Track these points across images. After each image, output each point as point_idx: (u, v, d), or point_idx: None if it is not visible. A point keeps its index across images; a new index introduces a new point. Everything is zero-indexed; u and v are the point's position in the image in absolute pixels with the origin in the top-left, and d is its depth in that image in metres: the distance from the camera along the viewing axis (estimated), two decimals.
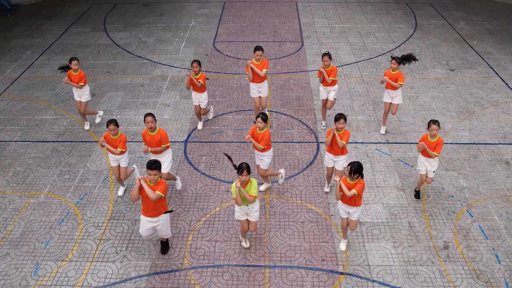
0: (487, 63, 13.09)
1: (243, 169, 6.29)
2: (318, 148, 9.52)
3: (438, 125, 7.43)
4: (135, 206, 8.05)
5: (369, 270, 6.84)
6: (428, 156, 7.64)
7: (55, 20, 16.45)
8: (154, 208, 6.40)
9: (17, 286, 6.60)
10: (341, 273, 6.79)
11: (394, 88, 9.35)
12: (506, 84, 12.02)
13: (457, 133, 10.02)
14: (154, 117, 7.44)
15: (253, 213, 6.74)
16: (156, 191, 6.20)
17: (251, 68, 9.31)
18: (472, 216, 7.83)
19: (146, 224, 6.56)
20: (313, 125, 10.26)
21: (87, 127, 10.22)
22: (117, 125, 7.58)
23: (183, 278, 6.73)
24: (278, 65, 13.02)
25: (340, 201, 6.76)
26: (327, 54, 9.26)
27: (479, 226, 7.63)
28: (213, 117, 10.45)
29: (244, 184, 6.43)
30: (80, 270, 6.85)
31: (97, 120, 10.22)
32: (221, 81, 12.23)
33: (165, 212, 6.54)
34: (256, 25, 16.05)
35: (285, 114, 10.72)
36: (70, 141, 9.81)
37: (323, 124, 10.21)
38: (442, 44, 14.30)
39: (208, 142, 9.76)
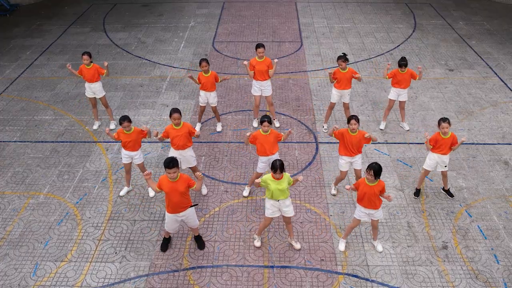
0: (486, 63, 13.10)
1: (276, 167, 6.37)
2: (317, 149, 9.52)
3: (449, 122, 7.47)
4: (134, 207, 8.06)
5: (368, 270, 6.85)
6: (442, 153, 7.64)
7: (55, 20, 16.45)
8: (181, 204, 6.59)
9: (16, 287, 6.61)
10: (340, 273, 6.80)
11: (404, 86, 9.52)
12: (505, 84, 12.03)
13: (456, 133, 9.97)
14: (180, 113, 7.58)
15: (285, 207, 6.78)
16: (190, 187, 6.52)
17: (246, 65, 9.39)
18: (471, 216, 7.84)
19: (174, 222, 6.77)
20: (312, 125, 10.26)
21: (112, 126, 10.13)
22: (130, 121, 7.64)
23: (182, 278, 6.73)
24: (277, 65, 13.00)
25: (359, 205, 6.77)
26: (342, 57, 8.99)
27: (478, 226, 7.64)
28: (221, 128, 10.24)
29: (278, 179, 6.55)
30: (79, 271, 6.86)
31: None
32: None
33: (191, 206, 6.74)
34: (255, 25, 16.05)
35: (284, 114, 10.72)
36: (70, 142, 9.81)
37: (325, 127, 10.06)
38: (441, 44, 14.31)
39: (207, 142, 9.76)
